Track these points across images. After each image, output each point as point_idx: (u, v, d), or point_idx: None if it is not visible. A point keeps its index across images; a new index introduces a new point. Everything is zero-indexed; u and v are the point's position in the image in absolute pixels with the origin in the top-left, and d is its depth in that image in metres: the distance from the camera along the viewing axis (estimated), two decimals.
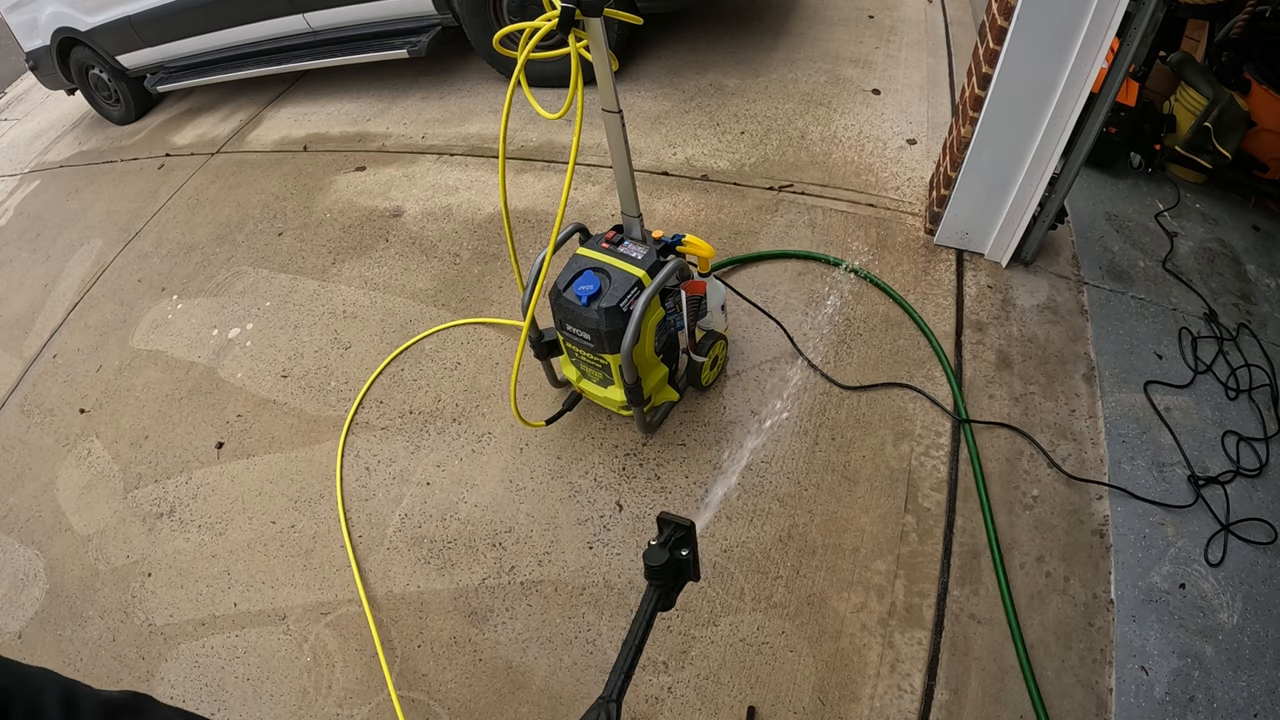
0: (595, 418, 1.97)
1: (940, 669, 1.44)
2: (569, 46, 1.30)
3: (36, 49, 4.55)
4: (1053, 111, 1.74)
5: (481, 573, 1.74)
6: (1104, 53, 1.59)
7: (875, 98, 2.92)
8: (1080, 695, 1.38)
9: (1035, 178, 1.89)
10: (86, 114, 4.91)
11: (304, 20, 3.53)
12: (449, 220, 2.77)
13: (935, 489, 1.70)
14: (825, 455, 1.80)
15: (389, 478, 1.99)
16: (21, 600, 2.02)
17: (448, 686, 1.58)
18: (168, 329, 2.70)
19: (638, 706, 1.48)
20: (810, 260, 2.26)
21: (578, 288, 1.54)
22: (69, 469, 2.32)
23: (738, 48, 3.36)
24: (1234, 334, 1.97)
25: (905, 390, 1.89)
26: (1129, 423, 1.78)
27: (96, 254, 3.28)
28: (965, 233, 2.15)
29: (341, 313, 2.52)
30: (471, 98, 3.52)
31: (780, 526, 1.68)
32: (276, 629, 1.76)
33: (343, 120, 3.66)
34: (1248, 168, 2.39)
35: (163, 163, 3.87)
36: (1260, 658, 1.41)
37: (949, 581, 1.55)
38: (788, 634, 1.52)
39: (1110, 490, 1.65)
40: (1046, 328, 1.99)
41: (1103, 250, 2.21)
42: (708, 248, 1.66)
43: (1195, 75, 2.39)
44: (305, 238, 2.91)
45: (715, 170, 2.70)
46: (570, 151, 1.34)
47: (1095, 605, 1.49)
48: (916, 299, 2.09)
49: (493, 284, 2.45)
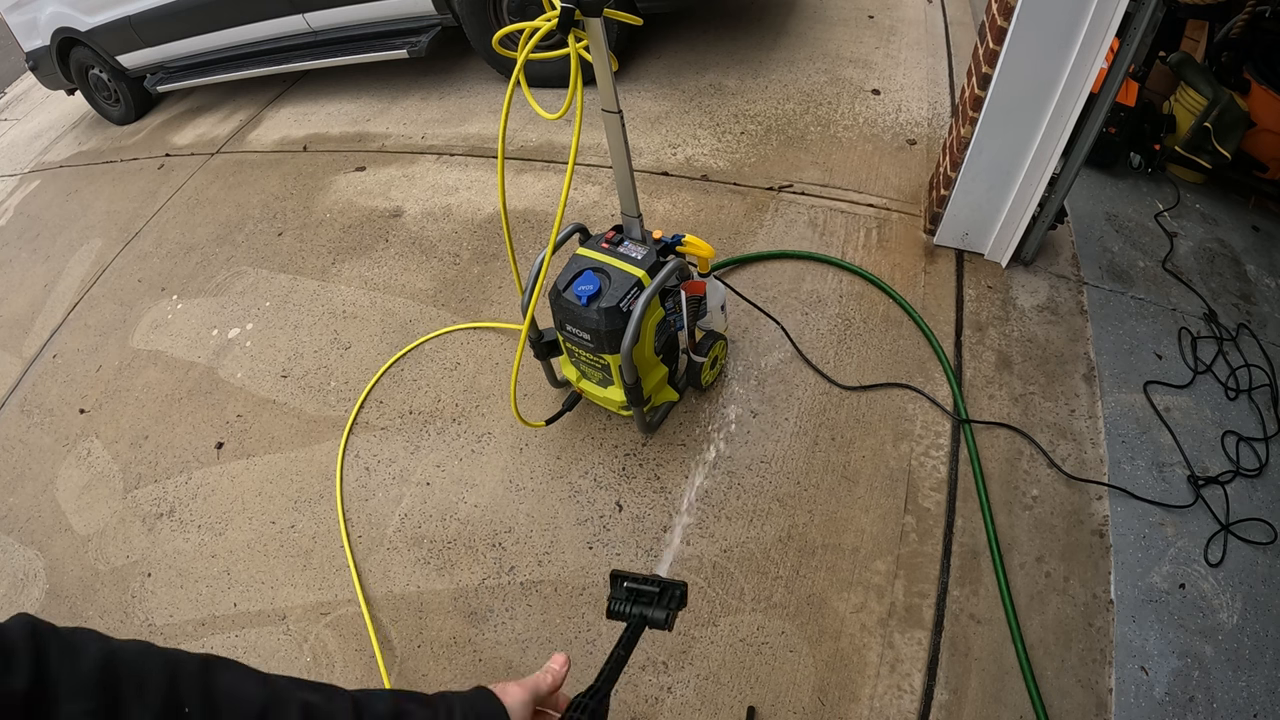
0: (595, 418, 1.97)
1: (940, 669, 1.44)
2: (568, 47, 1.30)
3: (36, 49, 4.55)
4: (1052, 112, 1.74)
5: (481, 573, 1.74)
6: (1104, 53, 1.59)
7: (875, 98, 2.92)
8: (1080, 695, 1.38)
9: (1035, 178, 1.89)
10: (86, 114, 4.91)
11: (304, 20, 3.53)
12: (449, 220, 2.77)
13: (935, 489, 1.70)
14: (825, 455, 1.80)
15: (389, 478, 1.99)
16: (21, 600, 2.02)
17: (447, 686, 1.57)
18: (167, 329, 2.70)
19: (638, 706, 1.48)
20: (810, 260, 2.26)
21: (577, 288, 1.53)
22: (69, 469, 2.32)
23: (738, 48, 3.36)
24: (1234, 334, 1.97)
25: (905, 390, 1.89)
26: (1129, 423, 1.78)
27: (96, 254, 3.28)
28: (965, 233, 2.15)
29: (341, 313, 2.52)
30: (471, 98, 3.52)
31: (780, 526, 1.68)
32: (276, 629, 1.76)
33: (343, 120, 3.66)
34: (1247, 168, 2.40)
35: (163, 163, 3.87)
36: (1260, 658, 1.41)
37: (949, 581, 1.55)
38: (788, 634, 1.52)
39: (1110, 490, 1.65)
40: (1046, 328, 1.99)
41: (1103, 250, 2.22)
42: (708, 248, 1.66)
43: (1195, 75, 2.39)
44: (305, 238, 2.91)
45: (715, 170, 2.70)
46: (570, 151, 1.34)
47: (1095, 605, 1.49)
48: (916, 299, 2.09)
49: (492, 284, 2.45)
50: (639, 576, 0.74)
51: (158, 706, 0.40)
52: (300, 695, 0.46)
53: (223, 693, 0.44)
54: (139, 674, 0.41)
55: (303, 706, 0.45)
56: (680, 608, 0.72)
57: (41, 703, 0.36)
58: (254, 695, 0.45)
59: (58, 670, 0.38)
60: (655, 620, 0.70)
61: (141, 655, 0.43)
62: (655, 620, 0.70)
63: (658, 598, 0.72)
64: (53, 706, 0.37)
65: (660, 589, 0.72)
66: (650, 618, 0.71)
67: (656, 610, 0.71)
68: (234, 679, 0.45)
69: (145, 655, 0.43)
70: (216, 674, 0.45)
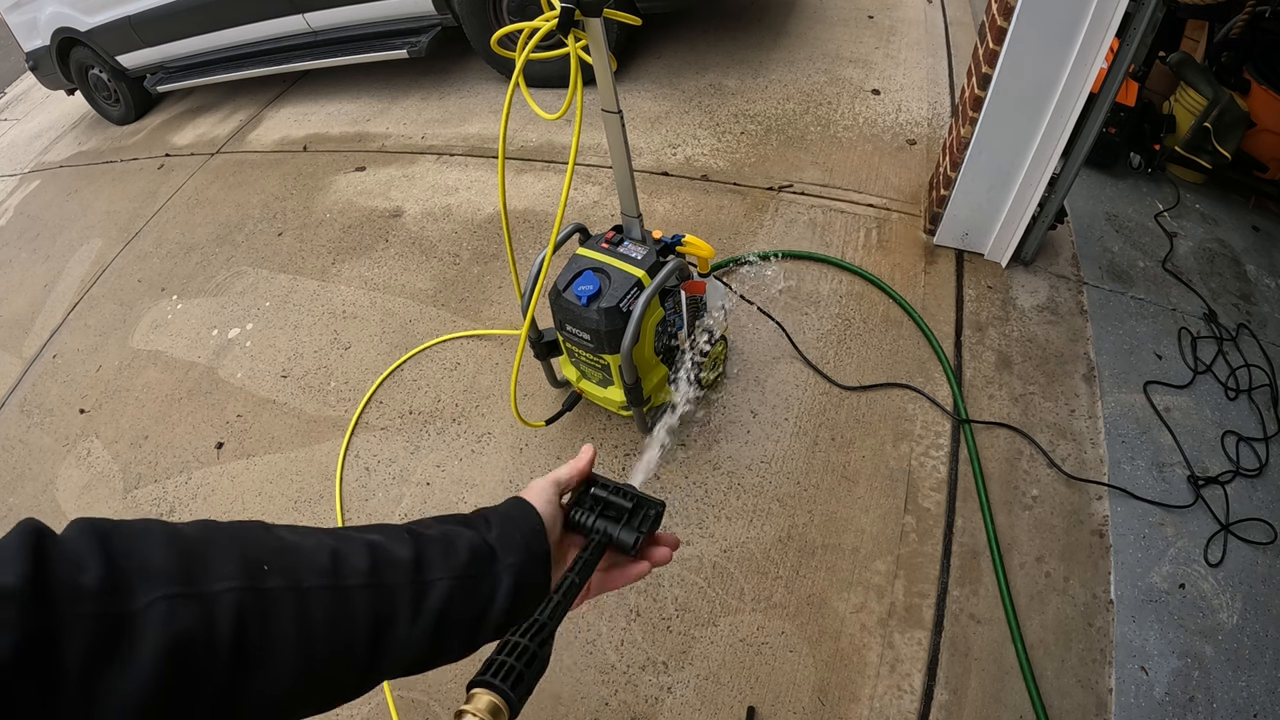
0: (595, 418, 1.97)
1: (940, 669, 1.44)
2: (568, 47, 1.30)
3: (36, 49, 4.55)
4: (1052, 112, 1.74)
5: None
6: (1104, 53, 1.59)
7: (875, 98, 2.92)
8: (1080, 695, 1.38)
9: (1035, 178, 1.89)
10: (86, 114, 4.91)
11: (304, 20, 3.53)
12: (449, 220, 2.77)
13: (935, 489, 1.70)
14: (825, 455, 1.80)
15: (389, 478, 1.99)
16: None
17: (447, 686, 1.58)
18: (167, 329, 2.70)
19: (637, 707, 1.48)
20: (810, 260, 2.26)
21: (577, 288, 1.53)
22: (69, 469, 2.32)
23: (738, 48, 3.36)
24: (1234, 334, 1.97)
25: (905, 390, 1.89)
26: (1129, 423, 1.78)
27: (96, 254, 3.28)
28: (965, 233, 2.15)
29: (341, 313, 2.52)
30: (471, 98, 3.52)
31: (780, 526, 1.68)
32: None
33: (343, 120, 3.66)
34: (1247, 168, 2.40)
35: (162, 163, 3.87)
36: (1260, 658, 1.41)
37: (949, 581, 1.55)
38: (788, 634, 1.52)
39: (1110, 490, 1.65)
40: (1046, 328, 1.99)
41: (1102, 250, 2.21)
42: (707, 248, 1.66)
43: (1195, 75, 2.39)
44: (305, 238, 2.91)
45: (715, 170, 2.70)
46: (570, 152, 1.34)
47: (1095, 605, 1.49)
48: (916, 299, 2.09)
49: (492, 284, 2.45)
50: (612, 485, 0.64)
51: (237, 571, 0.42)
52: (362, 536, 0.51)
53: (292, 545, 0.47)
54: (207, 547, 0.43)
55: (368, 545, 0.50)
56: (653, 530, 0.62)
57: (118, 592, 0.37)
58: (320, 543, 0.48)
59: (127, 560, 0.39)
60: (621, 543, 0.60)
61: (206, 529, 0.45)
62: (621, 543, 0.60)
63: (629, 515, 0.62)
64: (131, 597, 0.38)
65: (634, 504, 0.63)
66: (616, 539, 0.61)
67: (625, 531, 0.61)
68: (293, 533, 0.49)
69: (206, 528, 0.45)
70: (275, 530, 0.48)
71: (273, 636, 0.42)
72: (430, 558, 0.52)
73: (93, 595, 0.36)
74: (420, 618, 0.49)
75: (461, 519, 0.58)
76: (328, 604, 0.45)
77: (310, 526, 0.51)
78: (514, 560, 0.55)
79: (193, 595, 0.40)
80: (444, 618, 0.50)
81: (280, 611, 0.43)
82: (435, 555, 0.52)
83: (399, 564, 0.50)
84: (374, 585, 0.48)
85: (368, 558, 0.49)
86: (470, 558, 0.53)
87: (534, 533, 0.58)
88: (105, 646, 0.36)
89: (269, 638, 0.42)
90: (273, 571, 0.44)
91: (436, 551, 0.52)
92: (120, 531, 0.41)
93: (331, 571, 0.47)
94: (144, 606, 0.38)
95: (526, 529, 0.57)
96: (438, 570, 0.51)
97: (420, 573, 0.51)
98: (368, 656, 0.47)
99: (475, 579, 0.53)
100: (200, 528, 0.45)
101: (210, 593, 0.41)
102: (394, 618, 0.48)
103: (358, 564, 0.48)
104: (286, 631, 0.43)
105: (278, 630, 0.43)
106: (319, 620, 0.45)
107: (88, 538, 0.39)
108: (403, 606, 0.49)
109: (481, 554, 0.54)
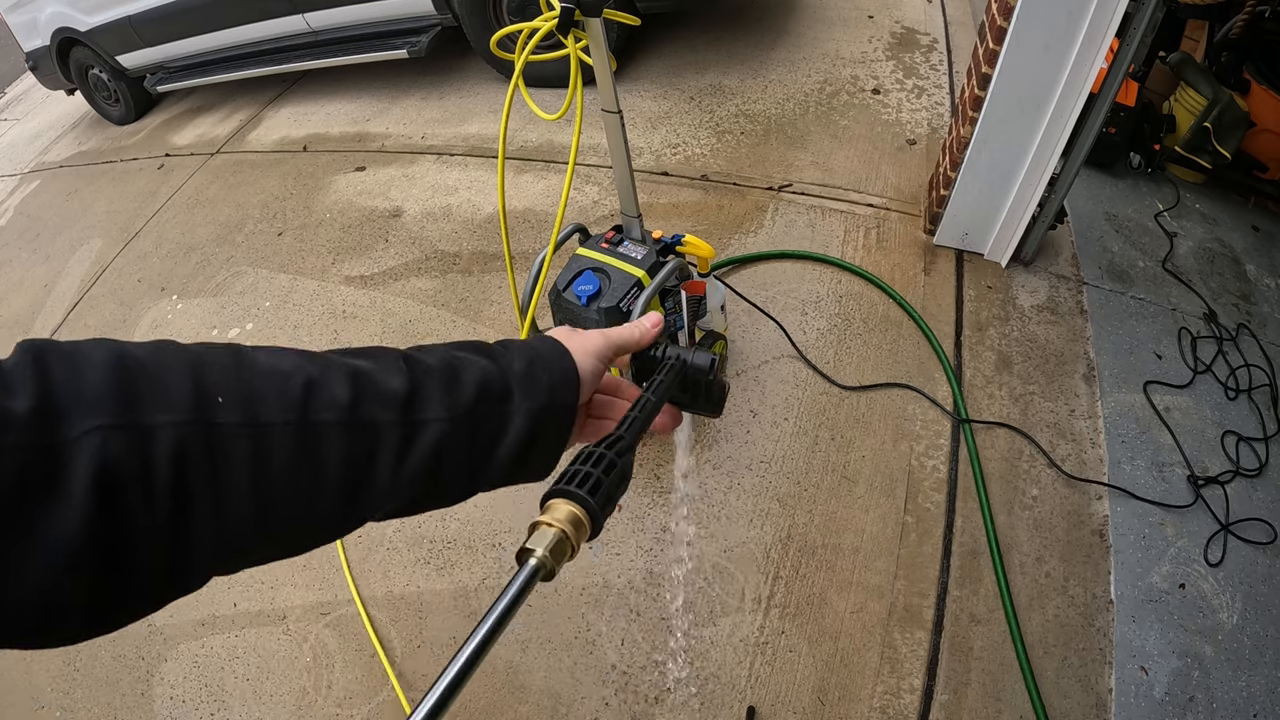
0: None
1: (940, 669, 1.44)
2: (567, 48, 1.30)
3: (36, 49, 4.55)
4: (1052, 112, 1.74)
5: (481, 573, 1.74)
6: (1104, 53, 1.59)
7: (875, 98, 2.92)
8: (1080, 695, 1.38)
9: (1035, 178, 1.89)
10: (86, 114, 4.91)
11: (304, 20, 3.53)
12: (448, 220, 2.77)
13: (935, 489, 1.70)
14: (825, 455, 1.80)
15: None
16: None
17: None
18: (167, 329, 2.70)
19: (637, 706, 1.48)
20: (810, 260, 2.26)
21: (577, 288, 1.53)
22: None
23: (738, 48, 3.36)
24: (1233, 334, 1.97)
25: (905, 390, 1.89)
26: (1129, 423, 1.78)
27: (96, 254, 3.28)
28: (965, 233, 2.15)
29: (341, 313, 2.52)
30: (471, 98, 3.52)
31: (780, 526, 1.68)
32: (276, 629, 1.76)
33: (343, 120, 3.66)
34: (1247, 168, 2.40)
35: (162, 163, 3.87)
36: (1260, 658, 1.41)
37: (949, 581, 1.55)
38: (788, 634, 1.53)
39: (1110, 490, 1.65)
40: (1046, 328, 1.99)
41: (1102, 250, 2.22)
42: (707, 248, 1.66)
43: (1195, 75, 2.39)
44: (305, 238, 2.91)
45: (715, 170, 2.70)
46: (570, 152, 1.34)
47: (1095, 605, 1.49)
48: (916, 299, 2.09)
49: (493, 284, 2.45)
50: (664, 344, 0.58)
51: (185, 403, 0.36)
52: (347, 362, 0.43)
53: (263, 371, 0.40)
54: (156, 373, 0.37)
55: (352, 374, 0.42)
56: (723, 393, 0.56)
57: (46, 422, 0.32)
58: (298, 368, 0.41)
59: (62, 385, 0.34)
60: (696, 367, 0.53)
61: (157, 351, 0.38)
62: (696, 367, 0.53)
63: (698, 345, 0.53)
64: (58, 425, 0.32)
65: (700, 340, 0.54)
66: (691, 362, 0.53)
67: (698, 355, 0.53)
68: (269, 356, 0.41)
69: (161, 351, 0.38)
70: (247, 355, 0.41)
71: (219, 480, 0.36)
72: (427, 392, 0.43)
73: (23, 424, 0.32)
74: (405, 464, 0.42)
75: (477, 346, 0.48)
76: (290, 444, 0.38)
77: (297, 349, 0.43)
78: (532, 404, 0.46)
79: (127, 426, 0.34)
80: (435, 465, 0.43)
81: (230, 450, 0.36)
82: (433, 390, 0.43)
83: (387, 397, 0.42)
84: (351, 423, 0.40)
85: (349, 389, 0.41)
86: (477, 395, 0.44)
87: (565, 383, 0.48)
88: (36, 479, 0.31)
89: (215, 481, 0.36)
90: (228, 404, 0.37)
91: (435, 385, 0.44)
92: (62, 352, 0.35)
93: (301, 405, 0.39)
94: (77, 437, 0.32)
95: (558, 375, 0.48)
96: (434, 408, 0.43)
97: (411, 410, 0.42)
98: (339, 505, 0.41)
99: (478, 420, 0.44)
100: (154, 349, 0.38)
101: (147, 425, 0.34)
102: (373, 462, 0.41)
103: (336, 396, 0.40)
104: (236, 475, 0.36)
105: (225, 473, 0.36)
106: (278, 464, 0.38)
107: (26, 361, 0.34)
108: (385, 450, 0.41)
109: (492, 391, 0.45)
